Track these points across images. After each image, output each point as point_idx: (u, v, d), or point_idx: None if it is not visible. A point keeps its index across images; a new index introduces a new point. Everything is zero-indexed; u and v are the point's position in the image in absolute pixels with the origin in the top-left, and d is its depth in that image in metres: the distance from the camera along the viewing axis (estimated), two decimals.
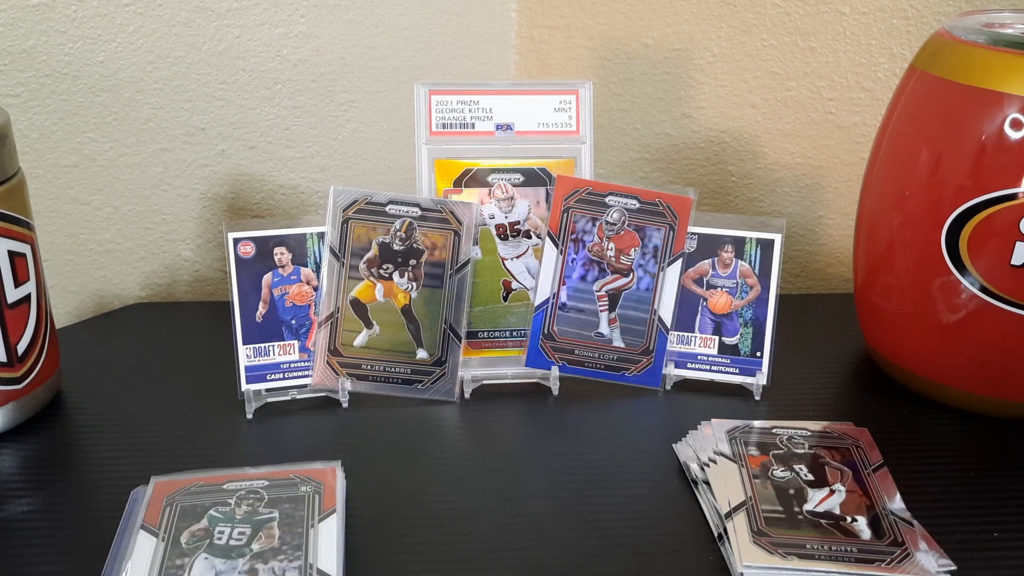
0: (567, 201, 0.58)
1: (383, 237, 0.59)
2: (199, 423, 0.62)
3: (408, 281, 0.60)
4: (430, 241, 0.60)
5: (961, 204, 0.58)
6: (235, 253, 0.61)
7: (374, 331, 0.61)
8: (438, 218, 0.60)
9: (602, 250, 0.58)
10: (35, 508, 0.54)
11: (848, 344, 0.75)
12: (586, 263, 0.60)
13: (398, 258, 0.60)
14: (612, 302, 0.60)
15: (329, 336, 0.60)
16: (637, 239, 0.59)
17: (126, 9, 0.73)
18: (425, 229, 0.60)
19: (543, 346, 0.61)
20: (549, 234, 0.59)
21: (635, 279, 0.60)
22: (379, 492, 0.55)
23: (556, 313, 0.61)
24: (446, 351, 0.61)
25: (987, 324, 0.60)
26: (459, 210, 0.59)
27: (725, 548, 0.50)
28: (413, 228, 0.59)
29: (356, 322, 0.61)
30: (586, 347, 0.62)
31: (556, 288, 0.60)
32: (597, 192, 0.57)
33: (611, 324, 0.61)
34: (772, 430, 0.60)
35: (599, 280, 0.60)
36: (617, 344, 0.62)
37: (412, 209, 0.59)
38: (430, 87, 0.63)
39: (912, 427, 0.64)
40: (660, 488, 0.56)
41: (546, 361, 0.62)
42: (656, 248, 0.59)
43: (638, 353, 0.62)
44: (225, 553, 0.47)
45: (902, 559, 0.49)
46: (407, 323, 0.61)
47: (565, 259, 0.59)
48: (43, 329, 0.62)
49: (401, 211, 0.59)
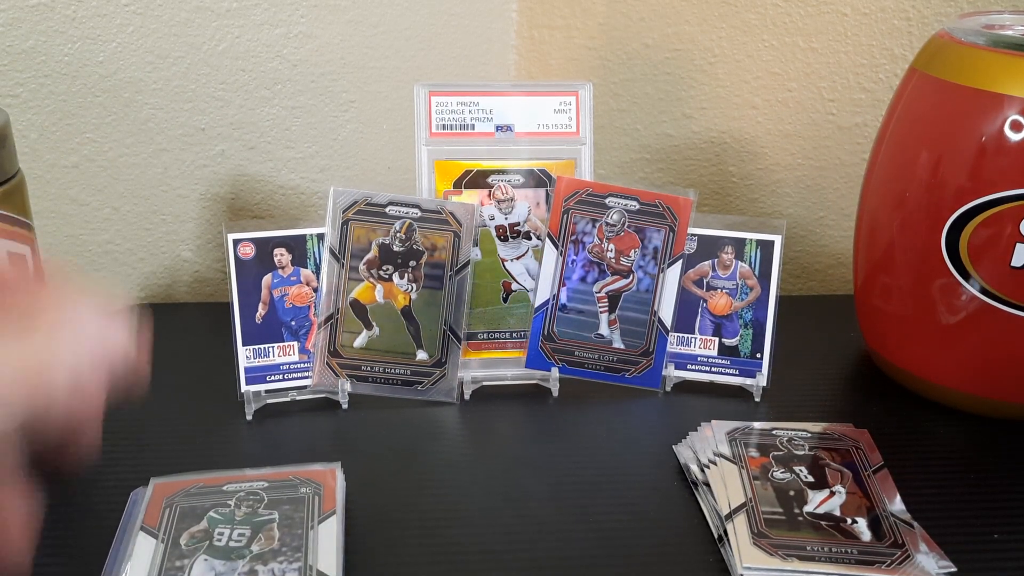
0: (567, 202, 0.58)
1: (383, 238, 0.59)
2: (199, 424, 0.62)
3: (408, 282, 0.60)
4: (430, 242, 0.60)
5: (961, 206, 0.58)
6: (235, 254, 0.61)
7: (374, 332, 0.61)
8: (438, 219, 0.60)
9: (602, 251, 0.58)
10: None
11: (848, 345, 0.75)
12: (586, 264, 0.60)
13: (398, 259, 0.60)
14: (612, 303, 0.60)
15: (329, 337, 0.60)
16: (637, 240, 0.59)
17: (125, 9, 0.73)
18: (425, 230, 0.60)
19: (543, 347, 0.61)
20: (549, 235, 0.59)
21: (635, 280, 0.60)
22: (379, 493, 0.55)
23: (556, 314, 0.60)
24: (446, 352, 0.62)
25: (987, 326, 0.60)
26: (459, 211, 0.59)
27: (725, 550, 0.50)
28: (413, 229, 0.59)
29: (356, 323, 0.61)
30: (586, 348, 0.62)
31: (556, 289, 0.60)
32: (597, 193, 0.57)
33: (611, 325, 0.61)
34: (772, 431, 0.60)
35: (599, 281, 0.60)
36: (617, 345, 0.62)
37: (412, 210, 0.59)
38: (430, 88, 0.62)
39: (912, 428, 0.64)
40: (660, 489, 0.56)
41: (546, 362, 0.62)
42: (656, 249, 0.59)
43: (638, 354, 0.62)
44: (225, 554, 0.47)
45: (902, 561, 0.49)
46: (407, 324, 0.61)
47: (565, 260, 0.59)
48: None
49: (401, 212, 0.59)
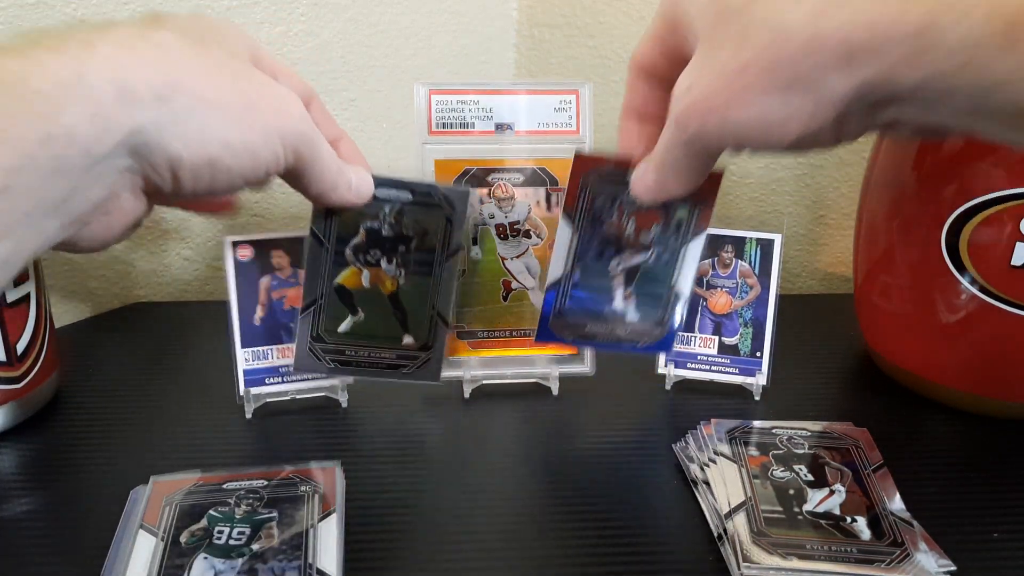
0: (586, 178, 0.53)
1: (371, 222, 0.56)
2: (199, 423, 0.62)
3: (396, 268, 0.58)
4: (420, 227, 0.57)
5: (961, 204, 0.58)
6: (233, 257, 0.61)
7: (359, 317, 0.59)
8: (429, 203, 0.57)
9: (621, 227, 0.54)
10: (34, 508, 0.54)
11: (848, 344, 0.75)
12: (602, 241, 0.56)
13: (386, 244, 0.57)
14: (628, 278, 0.57)
15: (312, 322, 0.58)
16: (659, 215, 0.55)
17: (125, 8, 0.72)
18: (416, 215, 0.57)
19: (553, 324, 0.59)
20: (564, 212, 0.54)
21: (654, 255, 0.56)
22: (379, 492, 0.55)
23: (569, 292, 0.57)
24: (433, 336, 0.60)
25: (987, 325, 0.60)
26: (452, 195, 0.57)
27: (725, 548, 0.50)
28: (403, 214, 0.56)
29: (340, 308, 0.58)
30: (596, 322, 0.59)
31: (569, 267, 0.56)
32: (619, 169, 0.51)
33: (625, 299, 0.58)
34: (772, 430, 0.60)
35: (615, 258, 0.56)
36: (631, 319, 0.58)
37: (403, 194, 0.56)
38: (430, 87, 0.62)
39: (912, 427, 0.64)
40: (659, 488, 0.56)
41: (555, 336, 0.59)
42: (680, 223, 0.55)
43: (651, 324, 0.59)
44: (224, 553, 0.47)
45: (902, 560, 0.48)
46: (393, 310, 0.59)
47: (580, 238, 0.55)
48: (42, 328, 0.62)
49: (391, 196, 0.56)
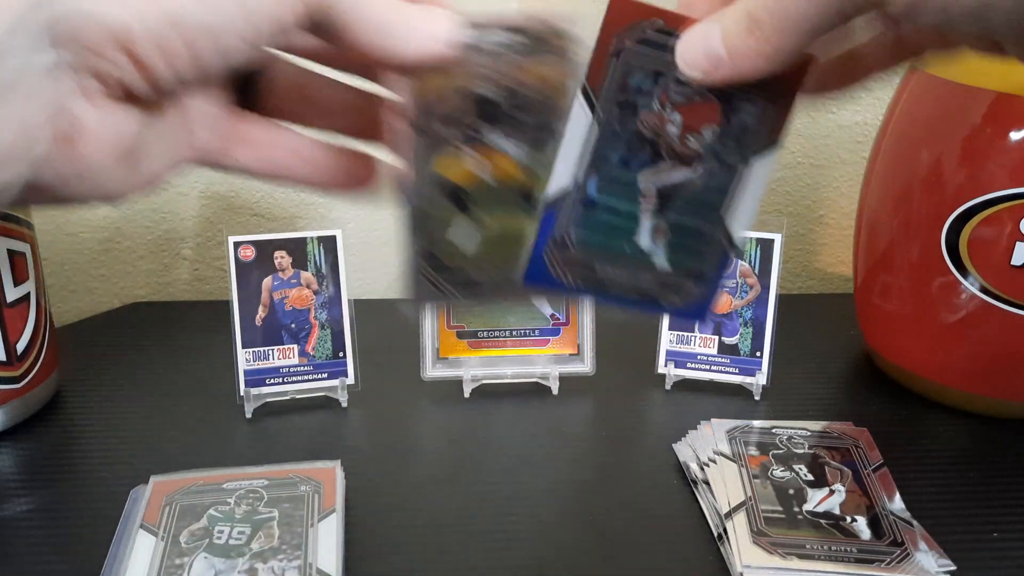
0: (620, 40, 0.35)
1: (470, 84, 0.37)
2: (199, 422, 0.62)
3: (516, 145, 0.38)
4: (538, 80, 0.37)
5: (961, 204, 0.58)
6: (235, 257, 0.61)
7: (475, 221, 0.40)
8: (544, 49, 0.37)
9: (661, 123, 0.37)
10: (34, 508, 0.54)
11: (848, 344, 0.75)
12: (633, 141, 0.38)
13: (498, 113, 0.38)
14: (663, 203, 0.39)
15: (419, 238, 0.39)
16: (718, 112, 0.37)
17: None
18: (528, 64, 0.37)
19: (550, 256, 0.39)
20: (584, 89, 0.36)
21: (704, 171, 0.38)
22: (379, 492, 0.55)
23: (578, 211, 0.38)
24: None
25: (987, 324, 0.60)
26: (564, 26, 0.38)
27: (725, 548, 0.50)
28: (515, 67, 0.37)
29: (449, 210, 0.39)
30: (613, 263, 0.40)
31: (583, 175, 0.37)
32: (668, 30, 0.34)
33: (656, 235, 0.39)
34: (772, 430, 0.60)
35: (649, 168, 0.38)
36: (659, 263, 0.40)
37: (516, 37, 0.37)
38: None
39: (912, 427, 0.64)
40: (660, 488, 0.56)
41: (551, 278, 0.39)
42: (744, 129, 0.37)
43: (685, 276, 0.39)
44: (224, 552, 0.47)
45: (902, 559, 0.49)
46: (521, 202, 0.40)
47: (602, 132, 0.37)
48: (42, 328, 0.62)
49: (493, 46, 0.37)
